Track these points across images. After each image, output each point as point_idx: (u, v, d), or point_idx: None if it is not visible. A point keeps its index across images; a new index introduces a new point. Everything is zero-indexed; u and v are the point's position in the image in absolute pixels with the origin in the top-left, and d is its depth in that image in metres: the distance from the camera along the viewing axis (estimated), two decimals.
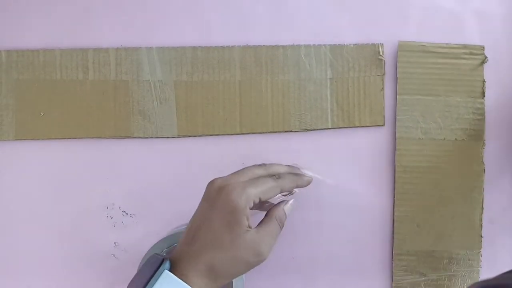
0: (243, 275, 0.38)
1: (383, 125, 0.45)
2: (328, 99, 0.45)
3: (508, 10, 0.47)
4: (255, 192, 0.34)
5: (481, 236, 0.45)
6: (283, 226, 0.36)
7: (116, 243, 0.45)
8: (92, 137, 0.44)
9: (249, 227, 0.33)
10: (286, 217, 0.37)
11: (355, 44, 0.45)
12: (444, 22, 0.46)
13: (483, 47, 0.45)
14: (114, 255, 0.45)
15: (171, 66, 0.44)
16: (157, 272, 0.31)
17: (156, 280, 0.31)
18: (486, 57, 0.45)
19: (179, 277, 0.31)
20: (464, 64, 0.46)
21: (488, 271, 0.46)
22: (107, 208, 0.45)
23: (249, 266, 0.33)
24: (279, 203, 0.37)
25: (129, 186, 0.45)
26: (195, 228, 0.34)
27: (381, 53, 0.45)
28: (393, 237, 0.45)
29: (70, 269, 0.45)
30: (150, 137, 0.44)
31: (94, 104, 0.44)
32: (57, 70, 0.44)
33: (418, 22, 0.46)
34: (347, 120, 0.45)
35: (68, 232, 0.45)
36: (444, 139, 0.46)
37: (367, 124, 0.45)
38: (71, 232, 0.45)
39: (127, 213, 0.45)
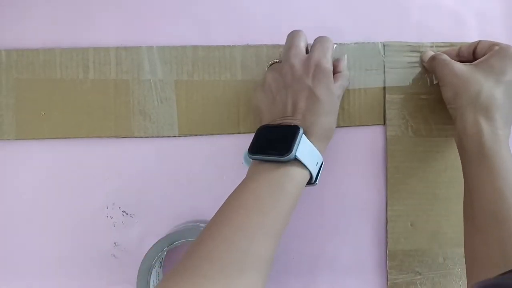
0: None
1: (384, 124, 0.45)
2: None
3: (508, 10, 0.47)
4: (329, 55, 0.39)
5: None
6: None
7: (116, 243, 0.45)
8: (92, 137, 0.44)
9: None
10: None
11: (356, 43, 0.45)
12: (444, 22, 0.46)
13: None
14: (114, 255, 0.45)
15: (171, 66, 0.44)
16: (297, 137, 0.35)
17: (299, 143, 0.35)
18: None
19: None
20: None
21: None
22: (107, 208, 0.45)
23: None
24: (337, 60, 0.42)
25: (129, 185, 0.45)
26: (297, 98, 0.37)
27: (381, 52, 0.45)
28: (387, 237, 0.45)
29: (70, 269, 0.44)
30: (151, 137, 0.44)
31: (95, 104, 0.44)
32: (57, 69, 0.44)
33: (418, 21, 0.46)
34: (347, 119, 0.45)
35: (68, 232, 0.44)
36: (435, 137, 0.45)
37: (368, 123, 0.45)
38: (71, 232, 0.44)
39: (127, 213, 0.45)
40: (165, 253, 0.41)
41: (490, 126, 0.38)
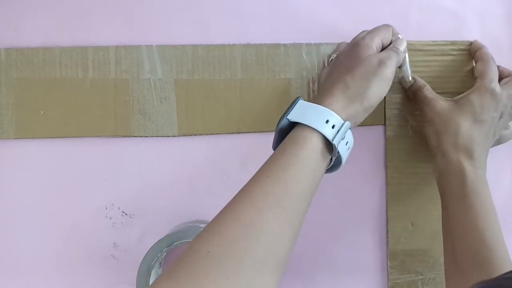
0: None
1: (384, 123, 0.45)
2: None
3: (508, 9, 0.47)
4: (377, 35, 0.39)
5: None
6: (398, 52, 0.39)
7: (115, 244, 0.44)
8: (92, 136, 0.44)
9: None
10: (401, 51, 0.39)
11: None
12: (444, 22, 0.46)
13: (471, 43, 0.45)
14: (113, 255, 0.44)
15: (171, 65, 0.44)
16: (293, 104, 0.35)
17: (293, 107, 0.35)
18: None
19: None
20: (452, 61, 0.46)
21: None
22: (106, 208, 0.44)
23: (376, 78, 0.36)
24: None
25: (129, 186, 0.44)
26: (327, 75, 0.40)
27: None
28: (387, 236, 0.45)
29: (70, 269, 0.44)
30: (150, 136, 0.44)
31: (94, 103, 0.44)
32: (56, 68, 0.44)
33: (418, 21, 0.46)
34: None
35: (68, 232, 0.44)
36: None
37: (368, 123, 0.45)
38: (71, 232, 0.44)
39: (126, 214, 0.45)
40: (165, 253, 0.41)
41: (471, 166, 0.39)
